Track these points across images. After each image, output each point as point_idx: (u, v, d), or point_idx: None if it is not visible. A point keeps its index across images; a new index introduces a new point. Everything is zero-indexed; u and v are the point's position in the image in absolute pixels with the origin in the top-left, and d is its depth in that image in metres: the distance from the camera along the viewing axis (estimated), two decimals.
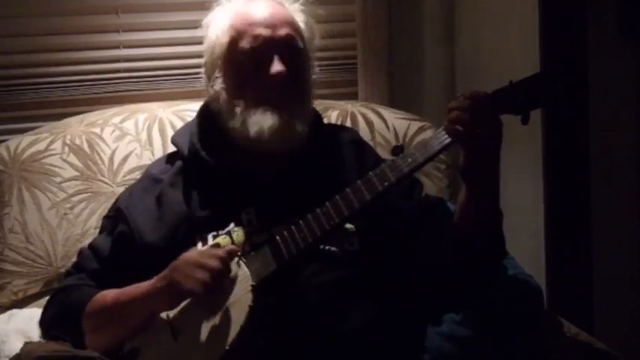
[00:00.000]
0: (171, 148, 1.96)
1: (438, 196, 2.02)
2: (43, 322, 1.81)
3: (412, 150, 1.66)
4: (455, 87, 2.55)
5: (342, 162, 1.85)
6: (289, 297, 1.65)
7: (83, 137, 2.07)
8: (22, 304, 1.97)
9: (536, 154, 2.27)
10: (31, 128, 2.15)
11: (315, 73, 1.87)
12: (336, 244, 1.72)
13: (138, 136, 2.09)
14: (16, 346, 1.71)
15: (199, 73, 1.91)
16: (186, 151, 1.84)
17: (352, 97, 2.44)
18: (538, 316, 1.77)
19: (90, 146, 2.07)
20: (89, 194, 2.03)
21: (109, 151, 2.07)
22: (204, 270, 1.58)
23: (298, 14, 1.86)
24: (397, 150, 1.66)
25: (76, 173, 2.04)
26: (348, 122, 2.15)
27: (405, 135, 2.15)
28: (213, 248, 1.66)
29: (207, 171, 1.80)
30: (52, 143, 2.06)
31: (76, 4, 2.34)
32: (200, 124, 1.86)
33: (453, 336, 1.73)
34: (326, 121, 2.07)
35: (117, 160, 2.06)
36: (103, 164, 2.06)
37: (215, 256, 1.60)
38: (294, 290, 1.66)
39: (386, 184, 1.62)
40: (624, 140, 2.36)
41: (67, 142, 2.06)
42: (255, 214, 1.74)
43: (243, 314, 1.55)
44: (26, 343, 1.68)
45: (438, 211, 1.82)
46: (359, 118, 2.17)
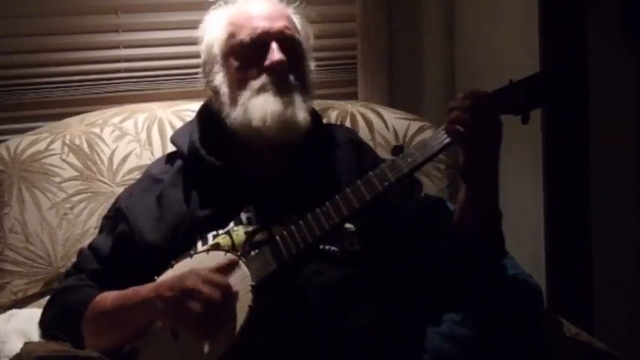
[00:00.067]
0: (170, 148, 1.97)
1: (437, 196, 2.02)
2: (43, 322, 1.81)
3: (412, 150, 1.66)
4: (455, 87, 2.55)
5: (342, 161, 1.85)
6: (289, 297, 1.65)
7: (83, 137, 2.07)
8: (22, 304, 1.97)
9: (536, 154, 2.27)
10: (31, 128, 2.15)
11: (313, 72, 1.88)
12: (336, 244, 1.72)
13: (137, 136, 2.09)
14: (16, 346, 1.70)
15: (199, 73, 1.92)
16: (185, 149, 1.85)
17: (352, 97, 2.44)
18: (538, 316, 1.77)
19: (90, 146, 2.07)
20: (89, 194, 2.03)
21: (108, 151, 2.07)
22: (198, 302, 1.55)
23: (293, 16, 1.89)
24: (397, 150, 1.66)
25: (75, 173, 2.04)
26: (347, 122, 2.15)
27: (404, 135, 2.15)
28: (218, 275, 1.61)
29: (207, 170, 1.80)
30: (52, 143, 2.06)
31: (76, 4, 2.34)
32: (200, 124, 1.87)
33: (453, 336, 1.73)
34: (325, 121, 2.07)
35: (116, 160, 2.06)
36: (103, 164, 2.05)
37: (216, 284, 1.57)
38: (294, 290, 1.66)
39: (386, 184, 1.62)
40: (624, 140, 2.36)
41: (67, 142, 2.06)
42: (255, 213, 1.74)
43: (243, 314, 1.54)
44: (26, 343, 1.68)
45: (437, 211, 1.82)
46: (359, 118, 2.17)
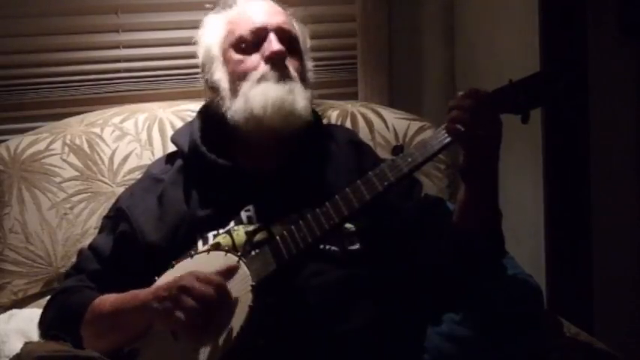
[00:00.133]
0: (171, 148, 1.97)
1: (437, 196, 2.02)
2: (43, 323, 1.80)
3: (412, 150, 1.66)
4: (455, 87, 2.55)
5: (342, 161, 1.85)
6: (289, 297, 1.65)
7: (83, 137, 2.07)
8: (22, 304, 1.97)
9: (536, 154, 2.26)
10: (31, 128, 2.15)
11: (312, 71, 1.89)
12: (336, 244, 1.72)
13: (138, 136, 2.09)
14: (16, 346, 1.70)
15: (199, 74, 1.92)
16: (186, 148, 1.85)
17: (352, 97, 2.44)
18: (538, 316, 1.77)
19: (90, 146, 2.07)
20: (89, 194, 2.03)
21: (109, 151, 2.07)
22: (191, 298, 1.55)
23: (290, 17, 1.91)
24: (397, 150, 1.66)
25: (76, 173, 2.04)
26: (348, 122, 2.15)
27: (404, 135, 2.15)
28: (214, 274, 1.61)
29: (208, 168, 1.80)
30: (52, 143, 2.05)
31: (76, 4, 2.34)
32: (201, 123, 1.87)
33: (453, 336, 1.73)
34: (325, 121, 2.07)
35: (117, 160, 2.06)
36: (103, 164, 2.05)
37: (209, 282, 1.57)
38: (294, 290, 1.66)
39: (386, 184, 1.61)
40: (624, 140, 2.36)
41: (67, 142, 2.06)
42: (255, 212, 1.75)
43: (243, 314, 1.54)
44: (26, 343, 1.68)
45: (437, 211, 1.82)
46: (359, 118, 2.17)
